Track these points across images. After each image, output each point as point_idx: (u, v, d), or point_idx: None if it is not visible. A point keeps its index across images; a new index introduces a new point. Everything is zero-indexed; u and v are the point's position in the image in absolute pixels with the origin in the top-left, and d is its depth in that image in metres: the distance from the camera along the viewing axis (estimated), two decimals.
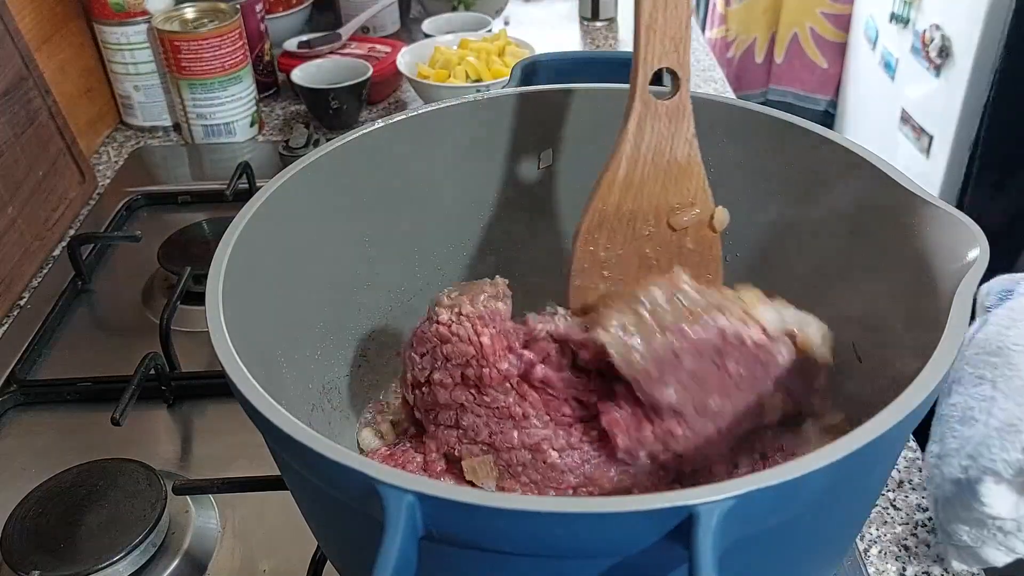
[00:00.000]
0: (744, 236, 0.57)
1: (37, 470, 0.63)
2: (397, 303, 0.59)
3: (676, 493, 0.29)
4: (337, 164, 0.52)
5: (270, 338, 0.47)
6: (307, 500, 0.42)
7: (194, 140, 1.10)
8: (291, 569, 0.57)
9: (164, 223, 0.93)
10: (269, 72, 1.19)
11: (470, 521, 0.31)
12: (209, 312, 0.40)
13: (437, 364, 0.47)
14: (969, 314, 0.37)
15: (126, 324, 0.81)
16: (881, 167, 0.47)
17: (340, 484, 0.33)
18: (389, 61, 1.16)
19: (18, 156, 0.88)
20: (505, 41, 1.13)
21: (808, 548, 0.39)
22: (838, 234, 0.51)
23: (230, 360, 0.37)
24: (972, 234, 0.41)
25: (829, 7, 2.21)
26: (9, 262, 0.84)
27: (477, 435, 0.47)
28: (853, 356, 0.51)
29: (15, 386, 0.72)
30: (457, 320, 0.46)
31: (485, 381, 0.46)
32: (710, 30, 2.37)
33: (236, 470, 0.62)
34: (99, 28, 1.08)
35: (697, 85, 1.22)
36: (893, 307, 0.46)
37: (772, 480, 0.30)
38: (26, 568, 0.54)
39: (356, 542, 0.39)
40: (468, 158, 0.58)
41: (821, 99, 2.32)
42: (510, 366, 0.46)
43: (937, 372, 0.35)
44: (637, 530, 0.30)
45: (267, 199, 0.48)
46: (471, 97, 0.56)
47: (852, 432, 0.32)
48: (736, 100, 0.56)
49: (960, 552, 0.55)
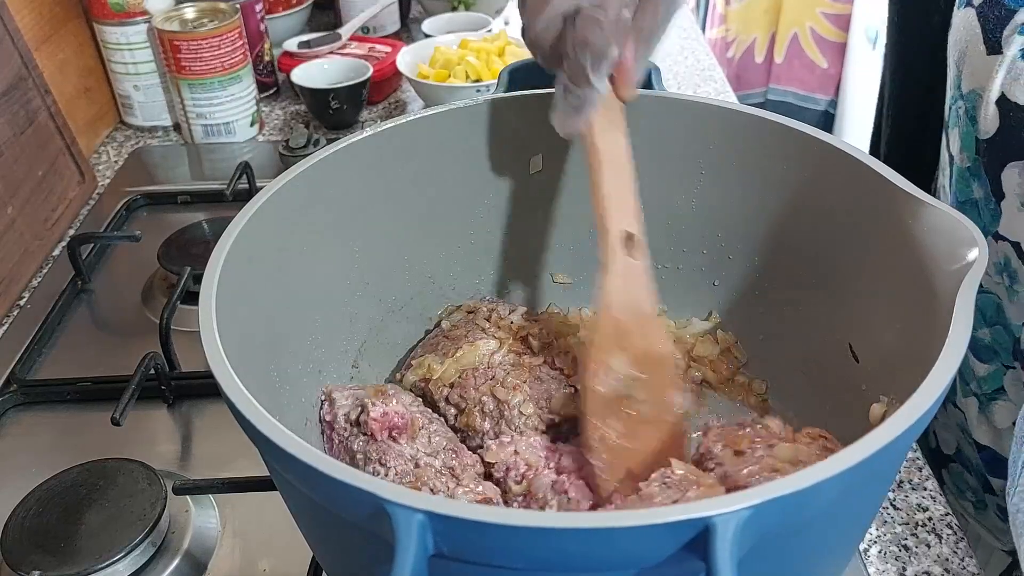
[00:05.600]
0: (741, 238, 0.58)
1: (37, 470, 0.63)
2: (388, 312, 0.59)
3: (692, 505, 0.29)
4: (324, 175, 0.52)
5: (264, 353, 0.47)
6: (307, 518, 0.42)
7: (194, 140, 1.10)
8: (291, 569, 0.57)
9: (164, 223, 0.93)
10: (269, 72, 1.19)
11: (481, 539, 0.30)
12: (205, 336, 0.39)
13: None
14: (971, 316, 0.37)
15: (126, 324, 0.81)
16: (878, 169, 0.47)
17: (346, 504, 0.32)
18: (389, 61, 1.16)
19: (17, 156, 0.88)
20: (505, 41, 1.13)
21: (819, 552, 0.39)
22: (836, 236, 0.51)
23: (232, 387, 0.37)
24: (971, 234, 0.41)
25: (829, 7, 2.20)
26: (9, 262, 0.84)
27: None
28: (850, 357, 0.51)
29: (15, 386, 0.72)
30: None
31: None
32: (710, 30, 2.37)
33: (236, 470, 0.62)
34: (99, 28, 1.08)
35: (697, 85, 1.22)
36: (891, 308, 0.47)
37: (787, 489, 0.30)
38: (26, 568, 0.54)
39: (360, 560, 0.38)
40: (456, 165, 0.58)
41: (821, 99, 2.32)
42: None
43: (944, 375, 0.35)
44: (653, 543, 0.30)
45: (257, 210, 0.47)
46: (459, 104, 0.56)
47: (862, 439, 0.32)
48: (734, 104, 0.56)
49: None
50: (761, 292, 0.58)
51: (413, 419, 0.50)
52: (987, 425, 0.71)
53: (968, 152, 0.64)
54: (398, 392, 0.53)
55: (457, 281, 0.62)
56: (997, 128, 0.60)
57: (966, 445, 0.75)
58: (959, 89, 0.65)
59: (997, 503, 0.74)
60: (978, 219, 0.65)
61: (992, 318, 0.66)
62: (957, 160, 0.66)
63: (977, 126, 0.62)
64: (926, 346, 0.37)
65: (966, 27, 0.63)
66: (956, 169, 0.67)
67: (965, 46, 0.63)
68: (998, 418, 0.69)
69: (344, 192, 0.54)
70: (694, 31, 1.39)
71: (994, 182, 0.62)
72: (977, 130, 0.62)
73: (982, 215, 0.64)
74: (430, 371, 0.55)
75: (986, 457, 0.72)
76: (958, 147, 0.66)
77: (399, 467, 0.48)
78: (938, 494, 0.62)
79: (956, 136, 0.66)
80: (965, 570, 0.57)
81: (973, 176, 0.64)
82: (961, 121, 0.65)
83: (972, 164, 0.64)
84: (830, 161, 0.50)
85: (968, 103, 0.64)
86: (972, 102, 0.63)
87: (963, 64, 0.64)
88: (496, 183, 0.59)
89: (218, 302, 0.41)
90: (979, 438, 0.72)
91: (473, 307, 0.61)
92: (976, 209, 0.65)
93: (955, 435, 0.76)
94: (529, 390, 0.52)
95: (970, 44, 0.62)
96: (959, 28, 0.64)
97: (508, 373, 0.54)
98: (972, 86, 0.63)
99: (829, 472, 0.31)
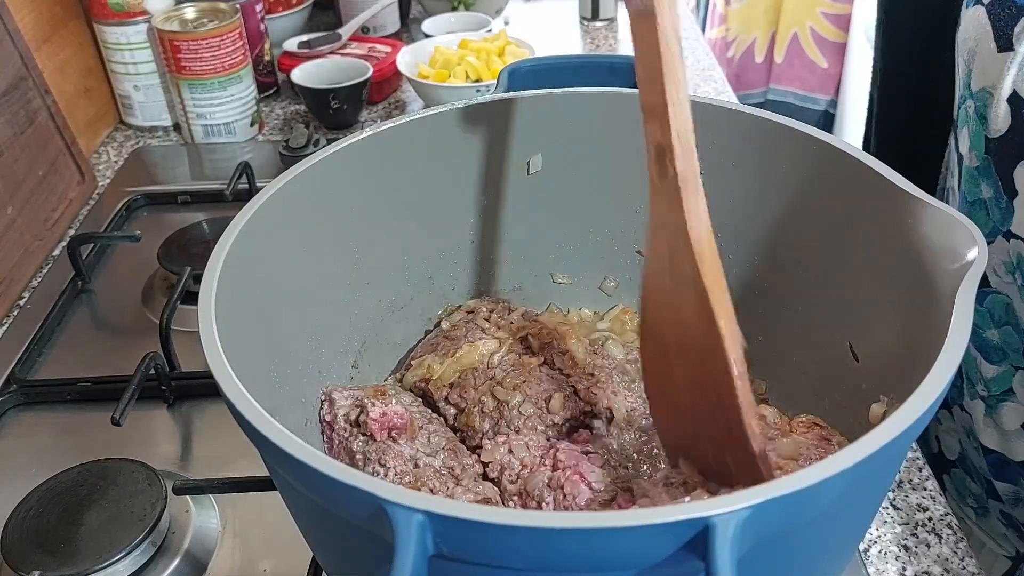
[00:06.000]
0: (741, 238, 0.58)
1: (37, 470, 0.63)
2: (388, 312, 0.59)
3: (692, 504, 0.29)
4: (324, 174, 0.52)
5: (264, 353, 0.47)
6: (307, 518, 0.42)
7: (194, 140, 1.10)
8: (291, 569, 0.57)
9: (164, 223, 0.93)
10: (269, 72, 1.19)
11: (481, 539, 0.30)
12: (204, 336, 0.39)
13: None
14: (971, 315, 0.37)
15: (126, 324, 0.81)
16: (878, 169, 0.47)
17: (346, 504, 0.32)
18: (389, 61, 1.16)
19: (18, 156, 0.88)
20: (505, 41, 1.13)
21: (819, 552, 0.39)
22: (835, 236, 0.51)
23: (232, 387, 0.37)
24: (970, 234, 0.41)
25: (829, 7, 2.20)
26: (9, 262, 0.84)
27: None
28: (850, 357, 0.51)
29: (15, 386, 0.72)
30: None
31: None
32: (710, 30, 2.37)
33: (236, 470, 0.62)
34: (99, 28, 1.08)
35: (697, 85, 1.22)
36: (891, 307, 0.47)
37: (787, 489, 0.30)
38: (26, 568, 0.54)
39: (359, 561, 0.38)
40: (456, 165, 0.58)
41: (821, 99, 2.32)
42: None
43: (944, 374, 0.35)
44: (652, 543, 0.30)
45: (257, 210, 0.47)
46: (459, 104, 0.56)
47: (862, 439, 0.32)
48: (734, 104, 0.56)
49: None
50: (761, 292, 0.58)
51: (412, 419, 0.50)
52: (994, 428, 0.70)
53: (977, 151, 0.64)
54: (398, 392, 0.53)
55: (457, 281, 0.62)
56: (1009, 126, 0.60)
57: (971, 450, 0.74)
58: (968, 88, 0.65)
59: (1000, 508, 0.74)
60: (987, 219, 0.64)
61: (1002, 318, 0.66)
62: (966, 160, 0.66)
63: (987, 124, 0.62)
64: (926, 346, 0.37)
65: (975, 25, 0.62)
66: (965, 169, 0.66)
67: (975, 44, 0.63)
68: (1006, 420, 0.69)
69: (344, 192, 0.54)
70: (694, 31, 1.39)
71: (1005, 180, 0.62)
72: (987, 128, 0.62)
73: (991, 214, 0.64)
74: (430, 371, 0.55)
75: (992, 461, 0.72)
76: (967, 146, 0.66)
77: (398, 467, 0.48)
78: (938, 494, 0.62)
79: (965, 135, 0.66)
80: (965, 570, 0.57)
81: (983, 175, 0.64)
82: (971, 120, 0.65)
83: (981, 163, 0.64)
84: (830, 161, 0.50)
85: (978, 101, 0.63)
86: (982, 100, 0.63)
87: (973, 62, 0.63)
88: (496, 183, 0.59)
89: (218, 302, 0.41)
90: (985, 441, 0.71)
91: (473, 307, 0.61)
92: (985, 209, 0.64)
93: (959, 439, 0.76)
94: (529, 390, 0.52)
95: (980, 42, 0.62)
96: (968, 26, 0.64)
97: (508, 373, 0.54)
98: (982, 84, 0.62)
99: (829, 472, 0.31)
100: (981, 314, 0.67)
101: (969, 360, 0.70)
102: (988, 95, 0.61)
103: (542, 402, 0.52)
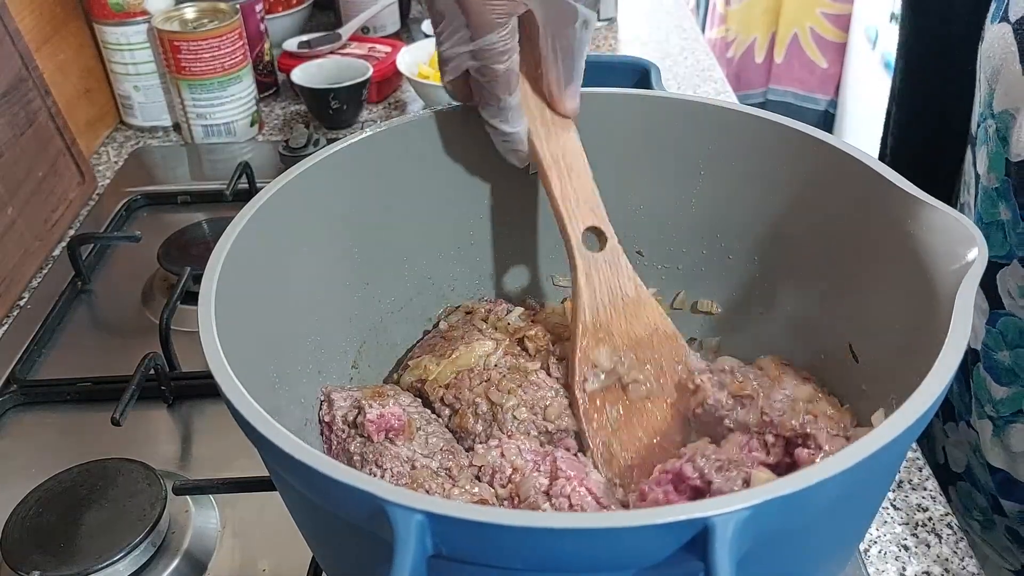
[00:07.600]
0: (741, 238, 0.58)
1: (37, 470, 0.63)
2: (387, 312, 0.59)
3: (691, 505, 0.29)
4: (324, 174, 0.52)
5: (264, 353, 0.47)
6: (307, 518, 0.42)
7: (194, 140, 1.10)
8: (291, 569, 0.57)
9: (164, 223, 0.93)
10: (269, 72, 1.19)
11: (481, 540, 0.30)
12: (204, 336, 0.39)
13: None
14: (971, 315, 0.37)
15: (126, 324, 0.81)
16: (878, 169, 0.47)
17: (345, 504, 0.32)
18: (389, 61, 1.16)
19: (18, 156, 0.88)
20: None
21: (819, 552, 0.39)
22: (835, 236, 0.51)
23: (231, 387, 0.36)
24: (970, 234, 0.41)
25: (829, 7, 2.20)
26: (9, 262, 0.84)
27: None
28: (850, 357, 0.51)
29: (15, 386, 0.72)
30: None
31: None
32: (710, 30, 2.37)
33: (236, 470, 0.62)
34: (99, 28, 1.08)
35: (697, 85, 1.22)
36: (891, 308, 0.47)
37: (786, 489, 0.30)
38: (26, 568, 0.54)
39: (359, 561, 0.38)
40: (456, 165, 0.57)
41: (821, 99, 2.32)
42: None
43: (944, 375, 0.35)
44: (652, 544, 0.30)
45: (257, 210, 0.47)
46: (459, 104, 0.56)
47: (862, 439, 0.32)
48: (734, 104, 0.56)
49: None
50: (761, 292, 0.58)
51: (410, 420, 0.50)
52: (1001, 448, 0.69)
53: (997, 172, 0.62)
54: (397, 393, 0.53)
55: (456, 282, 0.62)
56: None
57: (977, 465, 0.73)
58: (990, 108, 0.63)
59: (1006, 524, 0.73)
60: (1004, 241, 0.63)
61: (1014, 341, 0.65)
62: (984, 180, 0.64)
63: (1008, 147, 0.60)
64: (926, 346, 0.37)
65: (1001, 44, 0.60)
66: (982, 188, 0.65)
67: (1000, 63, 0.60)
68: (1014, 442, 0.68)
69: (344, 192, 0.53)
70: (694, 31, 1.39)
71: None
72: (1008, 151, 0.60)
73: (1008, 237, 0.62)
74: (426, 372, 0.55)
75: (999, 479, 0.71)
76: (985, 167, 0.64)
77: (395, 468, 0.48)
78: (938, 494, 0.62)
79: (984, 155, 0.64)
80: (965, 570, 0.57)
81: (1001, 197, 0.62)
82: (991, 140, 0.63)
83: (1000, 185, 0.62)
84: (830, 161, 0.50)
85: (999, 123, 0.61)
86: (1004, 122, 0.61)
87: (995, 82, 0.61)
88: (496, 183, 0.59)
89: (218, 302, 0.41)
90: (992, 460, 0.70)
91: (471, 308, 0.61)
92: (1002, 231, 0.63)
93: (966, 454, 0.75)
94: (524, 395, 0.52)
95: (1005, 62, 0.60)
96: (992, 44, 0.62)
97: (504, 376, 0.53)
98: (1005, 106, 0.60)
99: (829, 472, 0.30)
100: (993, 335, 0.66)
101: (979, 380, 0.69)
102: (1011, 117, 0.60)
103: (537, 408, 0.52)
